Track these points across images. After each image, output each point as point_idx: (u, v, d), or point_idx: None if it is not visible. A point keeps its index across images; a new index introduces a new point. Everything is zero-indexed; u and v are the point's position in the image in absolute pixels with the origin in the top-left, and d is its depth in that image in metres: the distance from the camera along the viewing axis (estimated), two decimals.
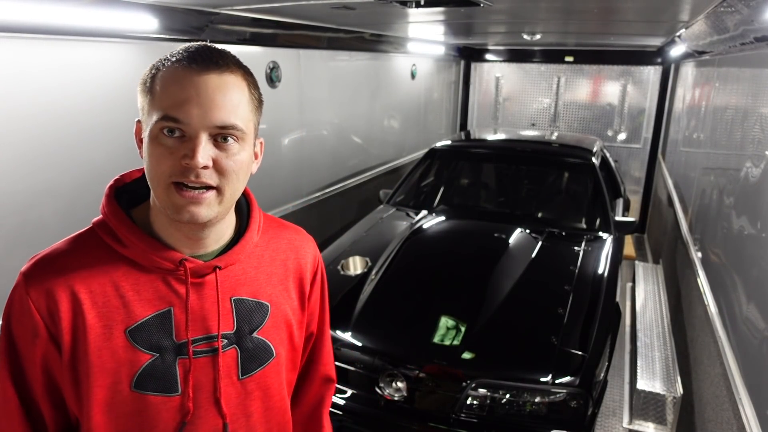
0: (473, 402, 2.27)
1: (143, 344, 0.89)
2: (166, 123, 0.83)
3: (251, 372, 0.98)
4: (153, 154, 0.84)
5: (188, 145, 0.83)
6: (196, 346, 0.92)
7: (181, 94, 0.83)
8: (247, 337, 0.97)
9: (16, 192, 2.07)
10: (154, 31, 2.42)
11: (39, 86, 2.10)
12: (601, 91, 6.58)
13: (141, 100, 0.89)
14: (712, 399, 2.22)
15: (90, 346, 0.87)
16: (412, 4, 2.44)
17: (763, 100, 2.14)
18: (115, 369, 0.88)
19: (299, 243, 1.09)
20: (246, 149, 0.90)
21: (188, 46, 0.88)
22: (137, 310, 0.89)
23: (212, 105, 0.83)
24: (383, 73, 5.23)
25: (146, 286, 0.90)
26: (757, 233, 1.90)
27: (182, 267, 0.91)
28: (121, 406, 0.90)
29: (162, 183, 0.84)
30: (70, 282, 0.87)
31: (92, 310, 0.87)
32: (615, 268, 3.10)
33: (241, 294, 0.97)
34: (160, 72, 0.86)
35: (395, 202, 4.01)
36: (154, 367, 0.89)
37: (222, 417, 0.95)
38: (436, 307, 2.66)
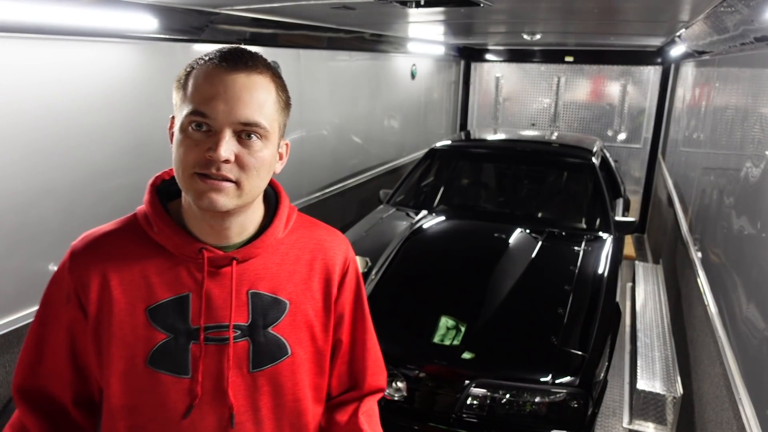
0: (473, 402, 2.27)
1: (160, 324, 0.94)
2: (194, 117, 0.88)
3: (262, 366, 0.99)
4: (181, 145, 0.90)
5: (213, 139, 0.88)
6: (208, 333, 0.96)
7: (210, 91, 0.88)
8: (261, 331, 0.99)
9: (16, 192, 2.07)
10: (154, 31, 2.42)
11: (39, 86, 2.10)
12: (601, 91, 6.58)
13: (175, 96, 0.95)
14: (712, 399, 2.22)
15: (114, 318, 0.94)
16: (412, 4, 2.44)
17: (763, 100, 2.14)
18: (133, 343, 0.94)
19: (329, 244, 1.09)
20: (269, 147, 0.94)
21: (222, 47, 0.94)
22: (158, 291, 0.95)
23: (238, 102, 0.88)
24: (383, 73, 5.23)
25: (169, 270, 0.96)
26: (757, 233, 1.90)
27: (201, 255, 0.95)
28: (136, 379, 0.95)
29: (186, 172, 0.90)
30: (107, 259, 0.96)
31: (119, 286, 0.95)
32: (615, 268, 3.10)
33: (259, 288, 0.99)
34: (194, 70, 0.92)
35: (395, 202, 4.01)
36: (168, 347, 0.94)
37: (229, 407, 0.98)
38: (436, 307, 2.66)
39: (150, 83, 2.59)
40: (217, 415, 0.98)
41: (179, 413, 0.96)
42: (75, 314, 0.96)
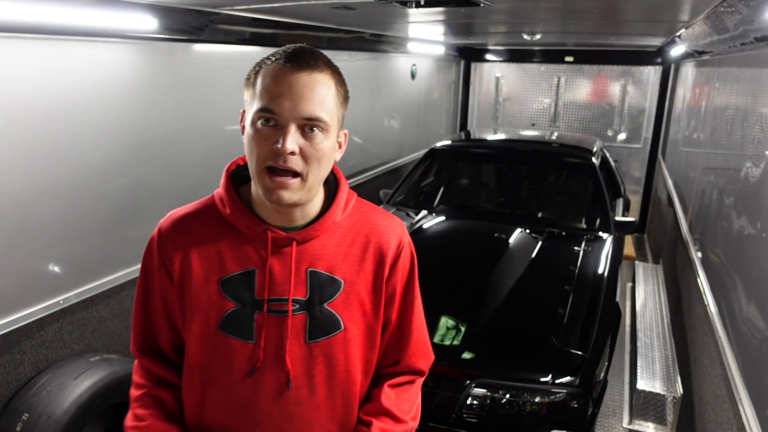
0: (473, 402, 2.27)
1: (230, 294, 1.07)
2: (263, 114, 0.98)
3: (318, 338, 1.09)
4: (252, 140, 1.01)
5: (279, 133, 0.98)
6: (271, 305, 1.07)
7: (277, 89, 0.98)
8: (317, 306, 1.09)
9: (16, 192, 2.07)
10: (154, 31, 2.42)
11: (39, 86, 2.10)
12: (601, 91, 6.58)
13: (245, 93, 1.05)
14: (712, 399, 2.22)
15: (193, 287, 1.08)
16: (412, 4, 2.44)
17: (763, 100, 2.14)
18: (207, 309, 1.08)
19: (384, 228, 1.17)
20: (329, 139, 1.04)
21: (287, 47, 1.03)
22: (229, 265, 1.08)
23: (301, 99, 0.98)
24: (383, 73, 5.23)
25: (239, 247, 1.09)
26: (757, 233, 1.90)
27: (266, 236, 1.07)
28: (210, 340, 1.09)
29: (257, 166, 1.01)
30: (189, 235, 1.10)
31: (198, 259, 1.09)
32: (615, 268, 3.10)
33: (317, 267, 1.09)
34: (262, 69, 1.02)
35: (395, 202, 4.01)
36: (236, 314, 1.07)
37: (286, 372, 1.08)
38: (436, 306, 2.66)
39: (150, 83, 2.59)
40: (276, 378, 1.09)
41: (244, 373, 1.08)
42: (165, 281, 1.12)
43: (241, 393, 1.09)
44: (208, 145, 2.93)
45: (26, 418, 2.07)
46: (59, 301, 2.28)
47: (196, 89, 2.84)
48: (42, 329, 2.25)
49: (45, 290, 2.24)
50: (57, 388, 2.12)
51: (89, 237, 2.35)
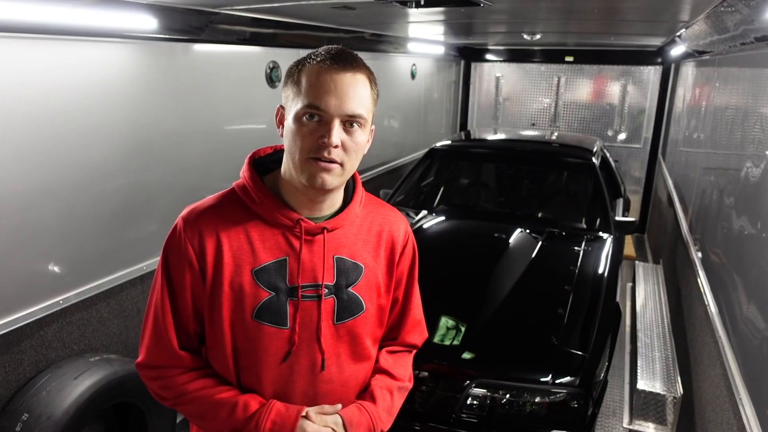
0: (473, 402, 2.27)
1: (264, 283, 1.12)
2: (309, 110, 1.06)
3: (344, 320, 1.18)
4: (297, 133, 1.08)
5: (325, 128, 1.06)
6: (304, 291, 1.14)
7: (323, 87, 1.06)
8: (344, 290, 1.18)
9: (15, 192, 2.07)
10: (154, 31, 2.42)
11: (39, 86, 2.10)
12: (601, 90, 6.58)
13: (287, 89, 1.12)
14: (712, 399, 2.22)
15: (225, 279, 1.11)
16: (412, 4, 2.44)
17: (763, 100, 2.13)
18: (241, 299, 1.12)
19: (393, 219, 1.30)
20: (365, 133, 1.13)
21: (329, 49, 1.10)
22: (261, 255, 1.13)
23: (346, 98, 1.06)
24: (383, 73, 5.23)
25: (269, 237, 1.14)
26: (757, 233, 1.89)
27: (298, 226, 1.14)
28: (244, 330, 1.13)
29: (302, 156, 1.07)
30: (216, 228, 1.12)
31: (229, 251, 1.12)
32: (615, 268, 3.10)
33: (342, 254, 1.18)
34: (306, 68, 1.09)
35: (395, 202, 4.01)
36: (271, 302, 1.12)
37: (321, 352, 1.17)
38: (436, 306, 2.66)
39: (150, 83, 2.58)
40: (310, 360, 1.16)
41: (280, 357, 1.15)
42: (195, 276, 1.13)
43: (276, 376, 1.16)
44: (208, 146, 2.93)
45: (26, 418, 2.07)
46: (59, 301, 2.28)
47: (197, 89, 2.84)
48: (42, 329, 2.24)
49: (45, 290, 2.23)
50: (57, 388, 2.12)
51: (89, 237, 2.35)
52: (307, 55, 1.12)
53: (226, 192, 1.19)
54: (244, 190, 1.16)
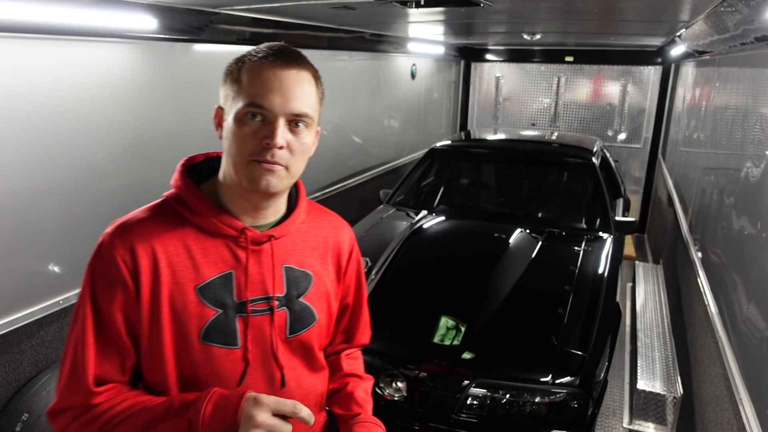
0: (473, 402, 2.27)
1: (210, 300, 1.02)
2: (251, 108, 0.98)
3: (298, 332, 1.11)
4: (238, 134, 0.99)
5: (269, 128, 0.98)
6: (253, 305, 1.05)
7: (267, 85, 0.99)
8: (295, 300, 1.11)
9: (15, 192, 2.07)
10: (154, 31, 2.42)
11: (39, 86, 2.10)
12: (601, 91, 6.58)
13: (226, 88, 1.04)
14: (712, 399, 2.22)
15: (165, 299, 1.00)
16: (412, 4, 2.44)
17: (763, 100, 2.13)
18: (185, 321, 1.01)
19: (338, 225, 1.26)
20: (311, 134, 1.06)
21: (271, 45, 1.03)
22: (205, 270, 1.03)
23: (291, 96, 0.99)
24: (383, 73, 5.23)
25: (212, 250, 1.04)
26: (757, 233, 1.89)
27: (243, 235, 1.05)
28: (191, 355, 1.02)
29: (243, 159, 0.99)
30: (150, 243, 1.01)
31: (167, 268, 1.00)
32: (615, 268, 3.10)
33: (290, 263, 1.11)
34: (246, 65, 1.01)
35: (395, 202, 4.01)
36: (219, 321, 1.03)
37: (279, 368, 1.09)
38: (436, 307, 2.66)
39: (150, 83, 2.59)
40: (268, 378, 1.08)
41: (234, 381, 1.05)
42: (129, 297, 1.00)
43: None
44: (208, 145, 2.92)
45: (26, 418, 2.07)
46: (59, 301, 2.28)
47: (196, 89, 2.84)
48: (42, 329, 2.25)
49: (45, 290, 2.24)
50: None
51: (89, 237, 2.34)
52: (247, 51, 1.04)
53: (157, 203, 1.08)
54: (179, 199, 1.06)
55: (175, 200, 1.06)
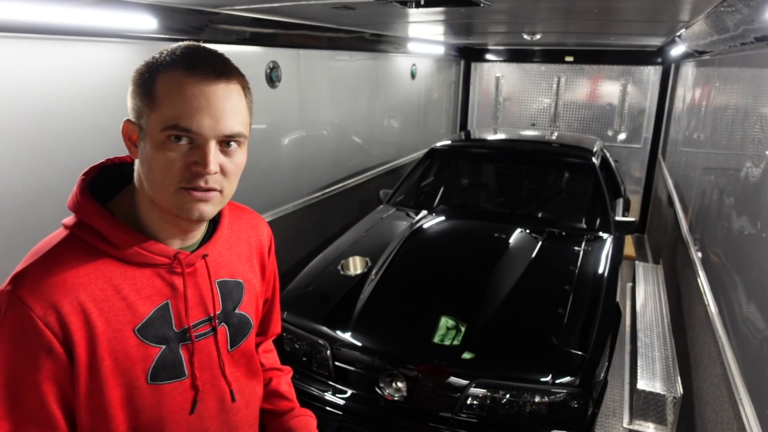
0: (473, 402, 2.27)
1: (152, 339, 0.93)
2: (174, 132, 0.85)
3: (238, 344, 1.08)
4: (160, 161, 0.86)
5: (199, 153, 0.86)
6: (195, 330, 0.99)
7: (192, 104, 0.85)
8: (232, 313, 1.06)
9: (15, 192, 2.07)
10: (154, 31, 2.42)
11: (39, 86, 2.10)
12: (601, 91, 6.58)
13: (135, 101, 0.90)
14: (712, 399, 2.22)
15: (104, 352, 0.89)
16: (412, 4, 2.44)
17: (763, 100, 2.13)
18: (129, 367, 0.91)
19: (255, 222, 1.18)
20: (244, 151, 0.95)
21: (188, 49, 0.89)
22: (140, 308, 0.92)
23: (222, 115, 0.87)
24: (383, 73, 5.23)
25: (143, 282, 0.93)
26: (758, 233, 1.90)
27: (176, 260, 0.96)
28: (140, 400, 0.94)
29: (170, 188, 0.87)
30: (74, 293, 0.86)
31: (100, 317, 0.88)
32: (615, 268, 3.10)
33: (222, 276, 1.05)
34: (161, 75, 0.87)
35: (395, 202, 4.01)
36: (165, 357, 0.95)
37: (228, 385, 1.06)
38: (436, 307, 2.66)
39: None
40: (218, 398, 1.04)
41: (186, 411, 0.99)
42: (58, 363, 0.86)
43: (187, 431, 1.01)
44: None
45: None
46: None
47: None
48: None
49: None
50: None
51: None
52: (158, 54, 0.89)
53: (58, 241, 0.91)
54: (91, 231, 0.91)
55: (86, 231, 0.91)
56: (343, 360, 2.47)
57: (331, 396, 2.46)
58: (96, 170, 1.01)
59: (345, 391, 2.46)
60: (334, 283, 2.91)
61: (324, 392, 2.48)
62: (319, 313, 2.65)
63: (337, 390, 2.47)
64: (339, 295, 2.78)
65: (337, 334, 2.51)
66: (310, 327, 2.58)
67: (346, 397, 2.45)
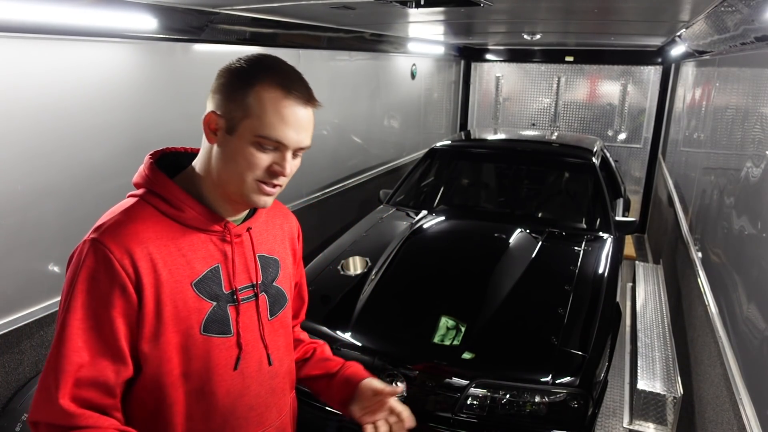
0: (473, 402, 2.27)
1: (205, 294, 1.08)
2: (268, 141, 1.02)
3: (276, 314, 1.22)
4: (250, 158, 1.03)
5: (279, 157, 1.05)
6: (241, 293, 1.14)
7: (288, 121, 1.03)
8: (270, 285, 1.21)
9: (15, 192, 2.07)
10: (154, 31, 2.42)
11: (39, 86, 2.10)
12: (601, 91, 6.58)
13: (227, 101, 1.04)
14: (712, 399, 2.22)
15: (166, 298, 1.03)
16: (412, 4, 2.44)
17: (763, 100, 2.13)
18: (187, 316, 1.06)
19: (287, 212, 1.36)
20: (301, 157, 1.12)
21: (282, 69, 1.07)
22: (197, 265, 1.08)
23: (304, 133, 1.06)
24: (383, 73, 5.23)
25: (199, 245, 1.09)
26: (758, 233, 1.89)
27: (227, 230, 1.12)
28: (193, 348, 1.07)
29: (250, 178, 1.05)
30: (144, 244, 1.02)
31: (164, 268, 1.03)
32: (615, 268, 3.10)
33: (262, 251, 1.20)
34: (258, 88, 1.02)
35: (395, 202, 4.01)
36: (215, 312, 1.09)
37: (266, 348, 1.19)
38: (436, 307, 2.66)
39: (150, 83, 2.59)
40: (257, 360, 1.17)
41: (231, 367, 1.12)
42: (129, 303, 1.00)
43: (230, 386, 1.13)
44: None
45: (26, 418, 2.07)
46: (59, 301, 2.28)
47: (196, 89, 2.83)
48: (42, 329, 2.24)
49: (45, 290, 2.24)
50: None
51: None
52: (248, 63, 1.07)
53: (132, 204, 1.08)
54: (158, 196, 1.07)
55: (153, 197, 1.08)
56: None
57: None
58: (158, 154, 1.18)
59: None
60: (334, 283, 2.91)
61: None
62: (319, 313, 2.65)
63: None
64: (339, 295, 2.78)
65: (337, 334, 2.51)
66: (310, 327, 2.57)
67: None
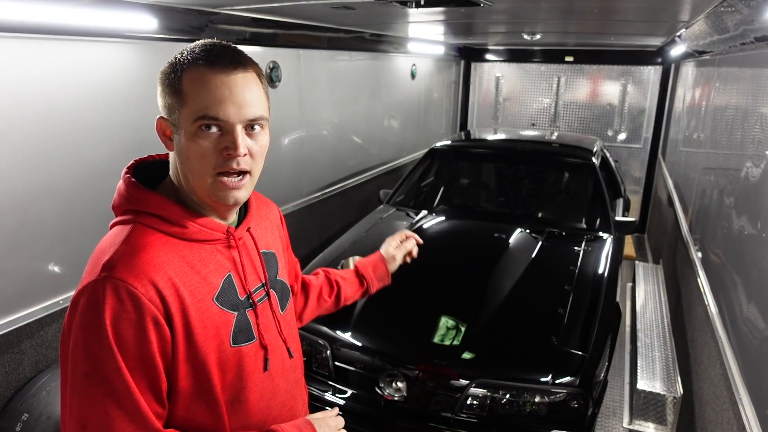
0: (473, 402, 2.27)
1: (228, 306, 1.06)
2: (204, 121, 0.96)
3: (285, 307, 1.23)
4: (195, 150, 0.97)
5: (228, 139, 0.97)
6: (255, 295, 1.12)
7: (216, 95, 0.95)
8: (276, 280, 1.21)
9: (15, 192, 2.07)
10: (154, 31, 2.42)
11: (39, 86, 2.10)
12: (601, 91, 6.58)
13: (166, 99, 0.99)
14: (712, 399, 2.22)
15: (194, 321, 1.00)
16: (412, 4, 2.44)
17: (763, 100, 2.13)
18: (216, 333, 1.03)
19: (267, 201, 1.34)
20: (267, 133, 1.06)
21: (205, 46, 0.98)
22: (212, 279, 1.04)
23: (244, 102, 0.97)
24: (383, 73, 5.23)
25: (207, 257, 1.05)
26: (758, 233, 1.89)
27: (230, 235, 1.09)
28: (227, 361, 1.06)
29: (208, 175, 0.99)
30: (164, 270, 0.97)
31: (186, 289, 0.99)
32: (615, 268, 3.10)
33: (262, 248, 1.19)
34: (186, 73, 0.96)
35: (395, 202, 4.01)
36: (240, 321, 1.08)
37: (285, 342, 1.19)
38: (436, 307, 2.66)
39: (150, 83, 2.57)
40: (280, 356, 1.18)
41: (260, 370, 1.12)
42: (162, 335, 0.96)
43: (263, 389, 1.14)
44: None
45: (26, 418, 2.07)
46: (59, 301, 2.28)
47: None
48: (42, 329, 2.25)
49: (45, 290, 2.24)
50: (57, 388, 2.12)
51: (89, 237, 2.35)
52: (179, 55, 0.99)
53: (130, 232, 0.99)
54: (152, 217, 1.00)
55: (149, 218, 1.01)
56: (343, 360, 2.47)
57: (331, 396, 2.46)
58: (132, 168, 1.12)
59: (345, 391, 2.46)
60: None
61: (324, 392, 2.48)
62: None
63: (337, 390, 2.47)
64: None
65: (336, 334, 2.51)
66: (309, 327, 2.57)
67: (346, 397, 2.45)
